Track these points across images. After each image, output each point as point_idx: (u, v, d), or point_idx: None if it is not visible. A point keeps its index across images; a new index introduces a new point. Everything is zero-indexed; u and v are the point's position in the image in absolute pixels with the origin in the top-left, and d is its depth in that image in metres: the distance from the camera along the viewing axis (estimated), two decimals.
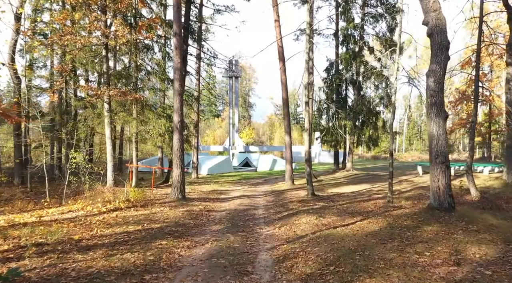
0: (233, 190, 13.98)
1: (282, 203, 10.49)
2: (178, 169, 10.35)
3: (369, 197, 11.53)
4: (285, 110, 14.74)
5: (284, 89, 14.45)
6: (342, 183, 15.77)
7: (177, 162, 10.37)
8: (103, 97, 12.04)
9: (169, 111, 13.04)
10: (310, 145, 11.64)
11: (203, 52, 17.06)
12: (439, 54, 7.39)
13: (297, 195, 12.25)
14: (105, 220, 7.55)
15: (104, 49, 12.20)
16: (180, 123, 10.40)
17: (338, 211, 8.85)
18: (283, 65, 14.41)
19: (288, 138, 14.84)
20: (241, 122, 60.41)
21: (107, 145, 12.53)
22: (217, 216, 8.69)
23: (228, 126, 37.60)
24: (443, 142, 7.32)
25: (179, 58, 10.30)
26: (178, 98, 10.36)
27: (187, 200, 10.39)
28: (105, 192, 11.34)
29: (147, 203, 9.63)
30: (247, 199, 11.48)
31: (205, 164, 23.19)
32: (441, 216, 7.02)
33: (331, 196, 11.94)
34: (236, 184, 16.53)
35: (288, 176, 14.85)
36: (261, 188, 14.88)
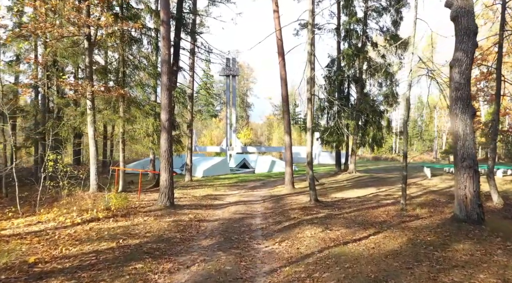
0: (228, 195, 12.90)
1: (282, 211, 9.42)
2: (165, 173, 9.26)
3: (378, 203, 10.48)
4: (284, 108, 13.68)
5: (284, 86, 13.40)
6: (346, 187, 14.71)
7: (165, 165, 9.28)
8: (85, 94, 10.94)
9: (158, 109, 11.93)
10: (312, 145, 10.58)
11: (197, 47, 15.99)
12: (465, 41, 6.35)
13: (298, 200, 11.18)
14: (76, 234, 6.45)
15: (86, 40, 11.10)
16: (168, 122, 9.32)
17: (346, 221, 7.79)
18: (282, 59, 13.35)
19: (287, 139, 13.78)
20: (239, 123, 59.38)
21: (90, 146, 11.43)
22: (208, 227, 7.61)
23: (225, 127, 36.51)
24: (470, 143, 6.28)
25: (166, 49, 9.22)
26: (166, 94, 9.28)
27: (175, 208, 9.30)
28: (85, 198, 10.24)
29: (129, 211, 8.53)
30: (243, 206, 10.40)
31: (200, 165, 22.09)
32: (470, 230, 5.98)
33: (335, 202, 10.87)
34: (232, 187, 15.45)
35: (288, 179, 13.79)
36: (259, 192, 13.80)
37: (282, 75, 13.36)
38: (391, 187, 14.22)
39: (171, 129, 9.64)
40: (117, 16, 11.33)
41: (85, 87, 10.57)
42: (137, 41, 12.44)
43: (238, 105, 62.03)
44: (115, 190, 11.82)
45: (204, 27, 17.24)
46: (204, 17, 16.08)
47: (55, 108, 13.80)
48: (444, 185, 13.92)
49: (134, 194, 12.63)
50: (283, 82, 13.37)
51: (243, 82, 68.62)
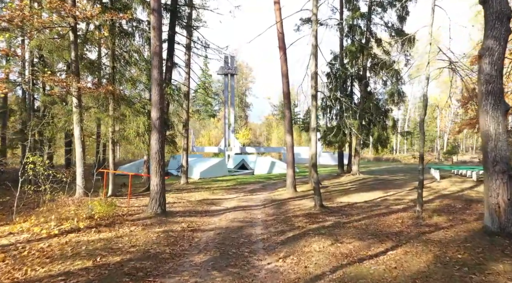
0: (226, 199, 12.04)
1: (285, 218, 8.58)
2: (156, 177, 8.40)
3: (388, 209, 9.66)
4: (286, 106, 12.84)
5: (285, 82, 12.56)
6: (351, 190, 13.88)
7: (156, 168, 8.42)
8: (70, 90, 10.07)
9: (150, 107, 11.04)
10: (316, 146, 9.74)
11: (193, 41, 15.14)
12: (497, 26, 5.52)
13: (302, 206, 10.34)
14: (49, 249, 5.58)
15: (72, 32, 10.23)
16: (159, 121, 8.46)
17: (358, 231, 6.95)
18: (283, 54, 12.52)
19: (289, 139, 12.94)
20: (238, 123, 58.56)
21: (76, 147, 10.56)
22: (203, 238, 6.75)
23: (224, 127, 35.65)
24: (503, 144, 5.45)
25: (157, 40, 8.37)
26: (157, 90, 8.42)
27: (167, 215, 8.43)
28: (69, 204, 9.36)
29: (115, 220, 7.66)
30: (242, 212, 9.54)
31: (197, 167, 21.22)
32: (506, 245, 5.15)
33: (342, 208, 10.04)
34: (231, 190, 14.59)
35: (290, 182, 12.95)
36: (259, 195, 12.95)
37: (283, 70, 12.52)
38: (399, 190, 13.41)
39: (163, 129, 8.78)
40: (105, 6, 10.47)
41: (70, 83, 9.70)
42: (128, 34, 11.58)
43: (237, 105, 61.21)
44: (103, 195, 10.95)
45: (201, 22, 16.38)
46: (201, 10, 15.23)
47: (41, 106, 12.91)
48: (455, 188, 13.11)
49: (125, 198, 11.76)
50: (284, 78, 12.53)
51: (241, 81, 67.80)
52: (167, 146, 13.11)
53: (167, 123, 12.61)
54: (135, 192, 13.79)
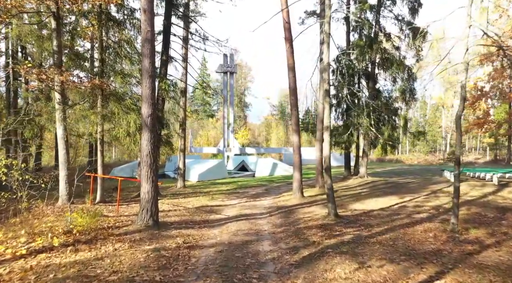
0: (227, 206, 10.91)
1: (296, 230, 7.46)
2: (148, 183, 7.26)
3: (411, 219, 8.56)
4: (292, 103, 11.69)
5: (292, 77, 11.44)
6: (363, 195, 12.78)
7: (147, 173, 7.28)
8: (52, 84, 8.91)
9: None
10: (330, 147, 8.62)
11: (191, 33, 14.02)
12: None
13: (312, 214, 9.22)
14: (7, 278, 4.43)
15: (54, 19, 9.07)
16: (151, 118, 7.32)
17: (385, 249, 5.84)
18: (290, 46, 11.41)
19: (296, 139, 11.81)
20: (237, 123, 57.44)
21: (59, 148, 9.41)
22: (201, 258, 5.61)
23: (223, 126, 34.51)
24: None
25: (149, 25, 7.24)
26: (148, 82, 7.28)
27: (160, 227, 7.29)
28: (49, 214, 8.21)
29: (98, 235, 6.51)
30: (246, 222, 8.41)
31: (195, 169, 20.07)
32: None
33: (358, 217, 8.93)
34: (232, 195, 13.45)
35: (297, 186, 11.83)
36: (263, 201, 11.82)
37: (290, 64, 11.41)
38: (415, 195, 12.32)
39: (156, 128, 7.65)
40: None
41: (51, 75, 8.54)
42: (119, 23, 10.44)
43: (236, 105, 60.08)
44: (89, 201, 9.80)
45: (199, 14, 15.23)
46: None
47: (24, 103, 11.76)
48: (477, 193, 12.03)
49: (116, 204, 10.60)
50: (291, 73, 11.41)
51: (240, 81, 66.69)
52: (162, 147, 11.97)
53: (161, 122, 11.48)
54: (127, 197, 12.65)
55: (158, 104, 12.42)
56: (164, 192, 13.82)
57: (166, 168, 27.38)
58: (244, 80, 69.03)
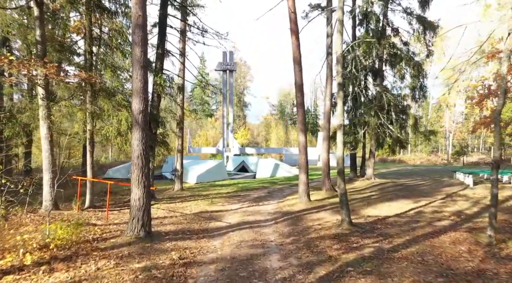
0: (228, 211, 10.03)
1: (307, 241, 6.59)
2: (139, 188, 6.38)
3: (432, 227, 7.72)
4: (299, 100, 10.82)
5: (298, 71, 10.57)
6: (373, 199, 11.92)
7: (138, 177, 6.40)
8: (34, 77, 8.02)
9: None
10: (343, 148, 7.76)
11: (189, 25, 13.11)
12: None
13: (323, 222, 8.35)
14: None
15: (36, 6, 8.18)
16: (142, 115, 6.44)
17: (415, 268, 4.98)
18: (296, 38, 10.54)
19: (302, 139, 10.94)
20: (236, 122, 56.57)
21: (43, 149, 8.51)
22: (199, 278, 4.73)
23: (222, 126, 33.62)
24: None
25: (140, 9, 6.36)
26: (139, 73, 6.40)
27: (153, 239, 6.40)
28: (27, 223, 7.30)
29: (80, 249, 5.62)
30: (249, 231, 7.53)
31: (194, 170, 19.17)
32: None
33: (374, 225, 8.06)
34: (232, 199, 12.57)
35: (303, 190, 10.97)
36: (266, 206, 10.95)
37: (296, 57, 10.53)
38: (430, 198, 11.49)
39: (148, 126, 6.76)
40: None
41: (33, 67, 7.63)
42: (110, 12, 9.55)
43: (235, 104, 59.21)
44: (77, 208, 8.91)
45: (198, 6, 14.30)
46: None
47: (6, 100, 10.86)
48: None
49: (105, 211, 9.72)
50: (297, 67, 10.53)
51: (239, 80, 65.83)
52: (157, 147, 11.08)
53: (157, 120, 10.60)
54: (120, 201, 11.76)
55: (154, 101, 11.54)
56: (160, 196, 12.93)
57: (164, 168, 26.48)
58: (243, 79, 68.17)
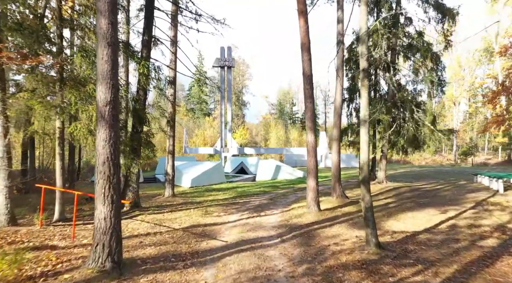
0: (224, 224, 8.48)
1: (326, 271, 5.06)
2: (105, 206, 4.82)
3: (479, 249, 6.18)
4: (307, 92, 9.21)
5: (307, 59, 8.99)
6: (391, 207, 10.39)
7: (104, 189, 4.84)
8: None
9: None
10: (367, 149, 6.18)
11: (181, 9, 11.55)
12: None
13: (341, 240, 6.81)
14: None
15: None
16: (110, 107, 4.89)
17: None
18: (304, 21, 8.98)
19: (311, 138, 9.38)
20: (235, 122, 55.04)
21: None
22: None
23: (220, 125, 32.04)
24: None
25: None
26: (105, 52, 4.85)
27: (123, 272, 4.84)
28: None
29: None
30: (250, 254, 5.98)
31: (188, 172, 17.60)
32: None
33: (404, 245, 6.53)
34: (230, 207, 11.02)
35: (312, 198, 9.42)
36: (269, 216, 9.39)
37: (305, 43, 8.98)
38: (456, 207, 9.97)
39: (118, 122, 5.19)
40: None
41: None
42: None
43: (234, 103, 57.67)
44: (39, 223, 7.33)
45: None
46: None
47: None
48: None
49: (79, 225, 8.14)
50: (306, 54, 8.97)
51: (238, 78, 64.27)
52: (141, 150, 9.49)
53: (141, 117, 9.03)
54: None
55: (139, 95, 9.97)
56: (147, 203, 11.36)
57: (158, 170, 24.90)
58: (241, 77, 66.61)
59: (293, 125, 65.49)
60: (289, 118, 71.67)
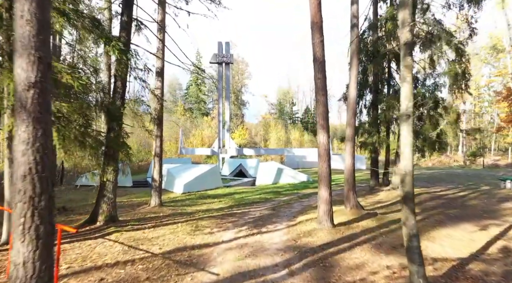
0: (217, 246, 6.81)
1: None
2: (24, 243, 3.13)
3: None
4: (320, 82, 7.48)
5: (319, 41, 7.29)
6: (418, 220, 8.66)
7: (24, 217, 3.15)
8: None
9: (67, 76, 5.53)
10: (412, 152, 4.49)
11: None
12: None
13: (369, 271, 5.16)
14: None
15: None
16: (36, 92, 3.21)
17: None
18: None
19: (324, 138, 7.70)
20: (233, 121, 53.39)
21: None
22: None
23: (218, 125, 30.36)
24: None
25: None
26: (27, 8, 3.17)
27: None
28: None
29: None
30: None
31: (181, 177, 15.93)
32: None
33: (455, 281, 4.86)
34: (225, 220, 9.35)
35: (325, 211, 7.75)
36: (272, 234, 7.72)
37: (316, 22, 7.31)
38: (496, 221, 8.34)
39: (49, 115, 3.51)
40: None
41: None
42: None
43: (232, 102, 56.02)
44: None
45: None
46: None
47: None
48: None
49: None
50: (317, 34, 7.29)
51: (237, 77, 62.64)
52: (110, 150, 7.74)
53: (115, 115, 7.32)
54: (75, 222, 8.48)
55: (116, 87, 8.30)
56: (128, 215, 9.68)
57: (149, 173, 23.21)
58: (241, 76, 64.96)
59: (293, 125, 63.91)
60: (289, 118, 70.10)
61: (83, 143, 5.81)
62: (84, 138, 5.83)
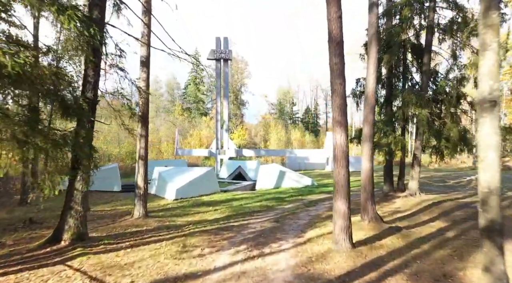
0: (208, 276, 5.30)
1: None
2: None
3: None
4: (337, 68, 5.92)
5: (336, 17, 5.73)
6: (451, 238, 7.23)
7: None
8: None
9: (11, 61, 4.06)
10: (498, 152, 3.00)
11: None
12: None
13: None
14: None
15: None
16: None
17: None
18: None
19: (341, 137, 6.17)
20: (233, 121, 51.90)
21: None
22: None
23: (216, 124, 28.84)
24: None
25: None
26: None
27: None
28: None
29: None
30: None
31: (174, 181, 14.40)
32: None
33: None
34: (220, 235, 7.83)
35: (342, 228, 6.23)
36: (277, 257, 6.20)
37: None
38: None
39: None
40: None
41: None
42: None
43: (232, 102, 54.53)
44: None
45: None
46: None
47: None
48: None
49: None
50: (334, 7, 5.77)
51: (236, 76, 61.14)
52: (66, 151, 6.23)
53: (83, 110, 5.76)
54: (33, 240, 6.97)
55: (87, 75, 6.80)
56: (103, 231, 8.14)
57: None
58: (240, 75, 63.43)
59: (294, 125, 62.47)
60: (289, 118, 68.65)
61: (26, 142, 4.35)
62: (28, 138, 4.36)
